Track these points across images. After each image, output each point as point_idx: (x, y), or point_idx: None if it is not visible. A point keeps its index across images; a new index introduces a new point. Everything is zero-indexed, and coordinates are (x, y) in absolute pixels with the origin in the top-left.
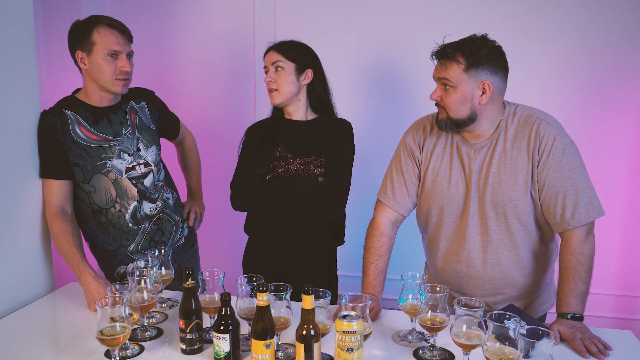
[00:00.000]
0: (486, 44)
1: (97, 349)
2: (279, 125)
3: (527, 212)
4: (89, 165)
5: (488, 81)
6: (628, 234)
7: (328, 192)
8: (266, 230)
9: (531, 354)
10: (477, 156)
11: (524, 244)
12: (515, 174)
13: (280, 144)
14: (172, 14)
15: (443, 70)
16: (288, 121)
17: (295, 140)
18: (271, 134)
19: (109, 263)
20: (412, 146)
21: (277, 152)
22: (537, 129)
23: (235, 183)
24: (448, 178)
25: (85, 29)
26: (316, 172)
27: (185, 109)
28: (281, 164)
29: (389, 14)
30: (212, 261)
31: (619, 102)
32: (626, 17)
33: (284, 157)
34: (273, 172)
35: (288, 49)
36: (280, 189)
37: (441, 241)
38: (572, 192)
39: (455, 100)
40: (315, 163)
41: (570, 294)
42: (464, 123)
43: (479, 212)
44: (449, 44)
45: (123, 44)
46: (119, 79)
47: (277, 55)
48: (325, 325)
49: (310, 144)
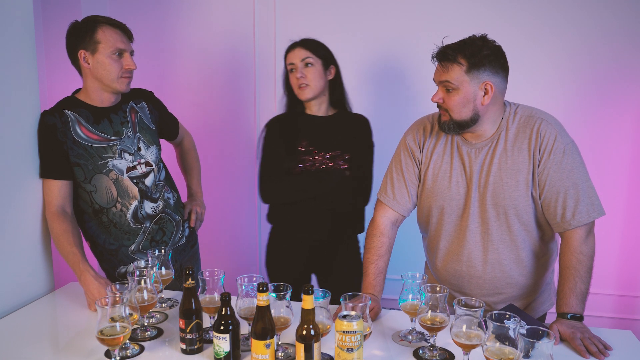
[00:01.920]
0: (487, 45)
1: (97, 349)
2: (299, 120)
3: (528, 212)
4: (89, 165)
5: (490, 82)
6: (628, 234)
7: (354, 186)
8: (292, 220)
9: (531, 354)
10: (477, 156)
11: (524, 243)
12: (516, 174)
13: (303, 138)
14: (172, 14)
15: (444, 73)
16: (309, 116)
17: (318, 135)
18: (293, 129)
19: (110, 263)
20: (412, 146)
21: (301, 147)
22: (538, 129)
23: (263, 176)
24: (448, 178)
25: (87, 29)
26: (342, 166)
27: (185, 108)
28: (307, 159)
29: (389, 13)
30: (212, 261)
31: (620, 102)
32: (627, 17)
33: (309, 151)
34: (300, 166)
35: (315, 46)
36: (309, 182)
37: (441, 241)
38: (573, 191)
39: (457, 102)
40: (341, 157)
41: (570, 294)
42: (467, 124)
43: (480, 212)
44: (449, 45)
45: (126, 42)
46: (124, 77)
47: (305, 51)
48: (325, 325)
49: (333, 138)
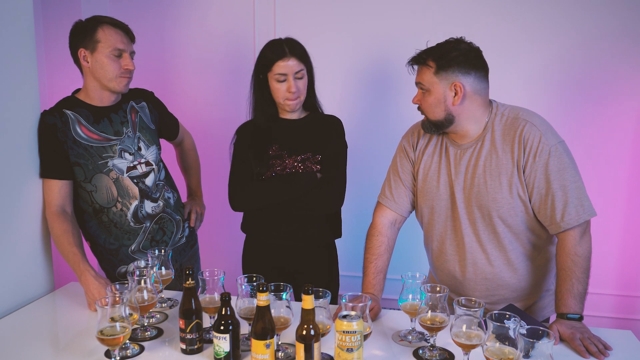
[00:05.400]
0: (457, 46)
1: (97, 349)
2: (270, 124)
3: (513, 215)
4: (90, 164)
5: (459, 82)
6: (628, 234)
7: (327, 187)
8: (265, 228)
9: (531, 354)
10: (463, 157)
11: (512, 245)
12: (499, 176)
13: (273, 142)
14: (172, 14)
15: (418, 75)
16: (281, 120)
17: (288, 138)
18: (265, 134)
19: (110, 262)
20: (407, 147)
21: (271, 151)
22: (522, 131)
23: (233, 183)
24: (437, 178)
25: (89, 28)
26: (314, 169)
27: (185, 108)
28: (277, 163)
29: (389, 14)
30: (212, 261)
31: (619, 101)
32: (625, 16)
33: (279, 155)
34: (270, 171)
35: (302, 54)
36: (279, 187)
37: (434, 241)
38: (561, 193)
39: (430, 103)
40: (312, 159)
41: (568, 295)
42: (442, 125)
43: (467, 213)
44: (424, 49)
45: (127, 43)
46: (122, 77)
47: (298, 64)
48: (325, 325)
49: (304, 141)
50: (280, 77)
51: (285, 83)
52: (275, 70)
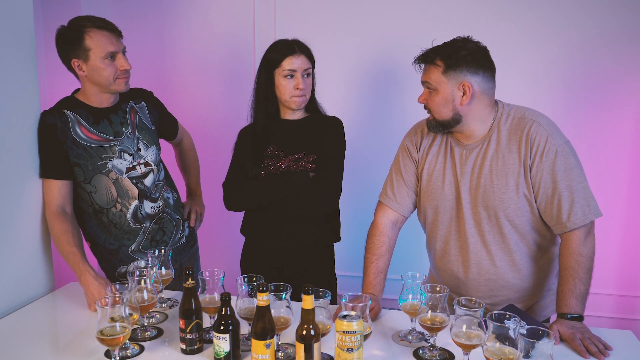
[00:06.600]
0: (466, 46)
1: (97, 349)
2: (271, 126)
3: (519, 215)
4: (89, 165)
5: (468, 82)
6: (628, 234)
7: (321, 186)
8: (264, 229)
9: (531, 354)
10: (469, 157)
11: (517, 246)
12: (506, 176)
13: (272, 143)
14: (171, 14)
15: (425, 74)
16: (282, 121)
17: (287, 138)
18: (265, 134)
19: (110, 263)
20: (410, 147)
21: (269, 151)
22: (529, 131)
23: (228, 183)
24: (442, 178)
25: (74, 36)
26: (307, 167)
27: (185, 108)
28: (272, 162)
29: (390, 14)
30: (212, 261)
31: (619, 101)
32: (625, 16)
33: (276, 155)
34: (265, 171)
35: (310, 54)
36: (271, 185)
37: (437, 241)
38: (567, 193)
39: (437, 103)
40: (306, 159)
41: (570, 294)
42: (449, 124)
43: (472, 214)
44: (431, 48)
45: (116, 42)
46: (120, 78)
47: (307, 61)
48: (325, 325)
49: (302, 141)
50: (289, 73)
51: (294, 80)
52: (284, 66)
